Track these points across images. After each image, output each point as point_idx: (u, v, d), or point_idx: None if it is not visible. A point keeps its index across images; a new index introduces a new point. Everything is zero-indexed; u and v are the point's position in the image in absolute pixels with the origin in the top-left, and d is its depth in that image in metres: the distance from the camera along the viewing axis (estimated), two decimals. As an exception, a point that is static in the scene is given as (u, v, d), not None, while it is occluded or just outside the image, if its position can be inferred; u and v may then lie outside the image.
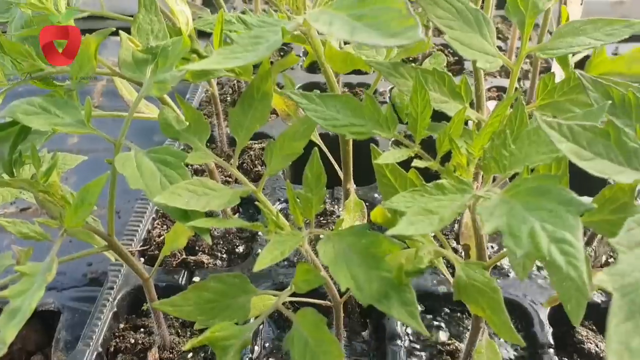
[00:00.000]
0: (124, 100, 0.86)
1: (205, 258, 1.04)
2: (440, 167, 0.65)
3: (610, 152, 0.51)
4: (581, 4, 0.99)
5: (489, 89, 1.43)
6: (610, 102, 0.56)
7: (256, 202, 0.69)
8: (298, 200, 0.63)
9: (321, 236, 0.62)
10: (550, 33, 0.76)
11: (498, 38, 1.61)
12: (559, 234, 0.47)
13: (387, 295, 0.56)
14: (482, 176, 0.63)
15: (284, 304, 0.68)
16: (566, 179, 0.61)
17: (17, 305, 0.57)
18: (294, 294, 0.67)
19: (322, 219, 1.14)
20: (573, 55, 0.75)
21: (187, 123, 0.73)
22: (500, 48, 1.45)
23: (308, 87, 1.43)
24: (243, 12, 0.71)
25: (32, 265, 0.60)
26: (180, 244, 0.75)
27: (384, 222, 0.65)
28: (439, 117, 0.70)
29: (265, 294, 0.67)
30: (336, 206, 1.17)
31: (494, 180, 0.61)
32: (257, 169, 1.25)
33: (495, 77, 1.49)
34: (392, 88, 1.41)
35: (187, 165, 0.67)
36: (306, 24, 0.56)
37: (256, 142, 1.32)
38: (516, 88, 1.32)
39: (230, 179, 1.23)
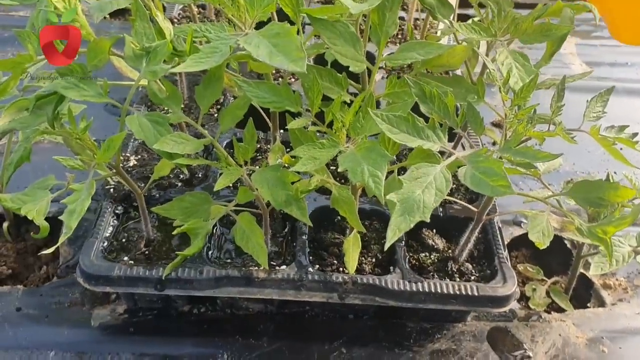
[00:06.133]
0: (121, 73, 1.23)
1: (179, 182, 1.44)
2: (327, 129, 1.07)
3: (409, 129, 0.94)
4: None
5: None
6: (417, 97, 1.00)
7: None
8: (240, 149, 1.05)
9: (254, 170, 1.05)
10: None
11: (403, 9, 2.03)
12: (374, 172, 0.90)
13: (290, 203, 1.00)
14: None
15: (231, 211, 1.11)
16: (392, 142, 1.04)
17: (73, 207, 0.96)
18: (237, 205, 1.11)
19: (258, 155, 1.57)
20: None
21: (167, 93, 1.12)
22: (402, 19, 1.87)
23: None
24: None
25: (78, 184, 1.00)
26: (165, 172, 1.16)
27: (291, 164, 1.07)
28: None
29: (219, 204, 1.10)
30: (269, 145, 1.59)
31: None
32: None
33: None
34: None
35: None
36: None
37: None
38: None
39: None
